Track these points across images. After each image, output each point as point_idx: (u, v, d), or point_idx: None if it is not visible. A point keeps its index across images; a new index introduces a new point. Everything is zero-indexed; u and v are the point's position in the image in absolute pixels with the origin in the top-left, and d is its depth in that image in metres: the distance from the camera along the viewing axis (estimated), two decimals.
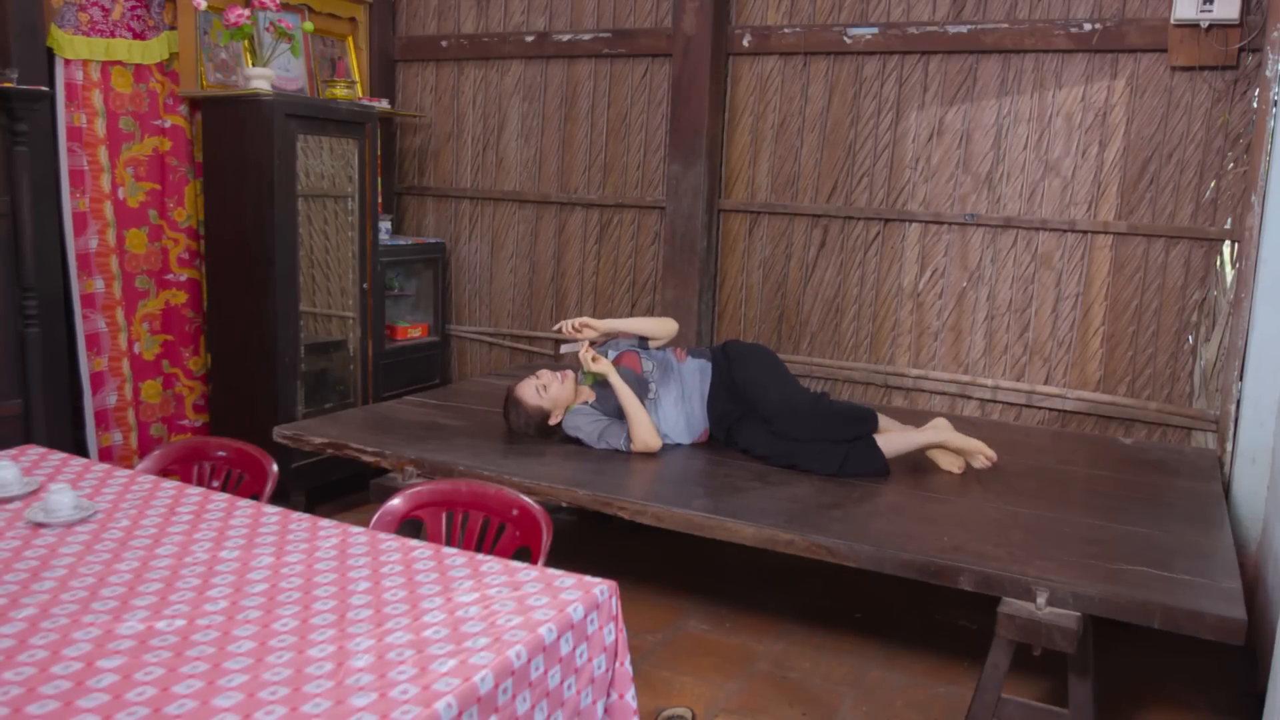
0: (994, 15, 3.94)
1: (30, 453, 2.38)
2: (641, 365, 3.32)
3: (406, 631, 1.53)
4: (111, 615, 1.56)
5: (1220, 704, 2.89)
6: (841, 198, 4.31)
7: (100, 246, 3.84)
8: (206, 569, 1.75)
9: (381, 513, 2.13)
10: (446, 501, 2.20)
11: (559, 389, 3.25)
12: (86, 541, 1.85)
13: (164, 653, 1.44)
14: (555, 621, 1.58)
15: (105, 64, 3.79)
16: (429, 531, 2.18)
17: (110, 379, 3.92)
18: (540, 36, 4.79)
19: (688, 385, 3.31)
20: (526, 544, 2.10)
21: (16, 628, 1.50)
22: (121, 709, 1.29)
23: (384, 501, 2.20)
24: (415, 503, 2.19)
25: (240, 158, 3.91)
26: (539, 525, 2.08)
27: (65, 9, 3.66)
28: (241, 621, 1.55)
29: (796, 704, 2.82)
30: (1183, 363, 3.78)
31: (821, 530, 2.62)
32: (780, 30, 4.30)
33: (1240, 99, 3.59)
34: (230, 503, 2.09)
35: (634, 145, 4.69)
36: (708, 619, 3.32)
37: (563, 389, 3.25)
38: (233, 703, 1.32)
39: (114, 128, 3.86)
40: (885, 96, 4.18)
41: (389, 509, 2.14)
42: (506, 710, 1.44)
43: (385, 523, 2.12)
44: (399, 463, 3.03)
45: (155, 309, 4.09)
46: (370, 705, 1.31)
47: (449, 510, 2.20)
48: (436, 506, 2.20)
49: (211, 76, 4.08)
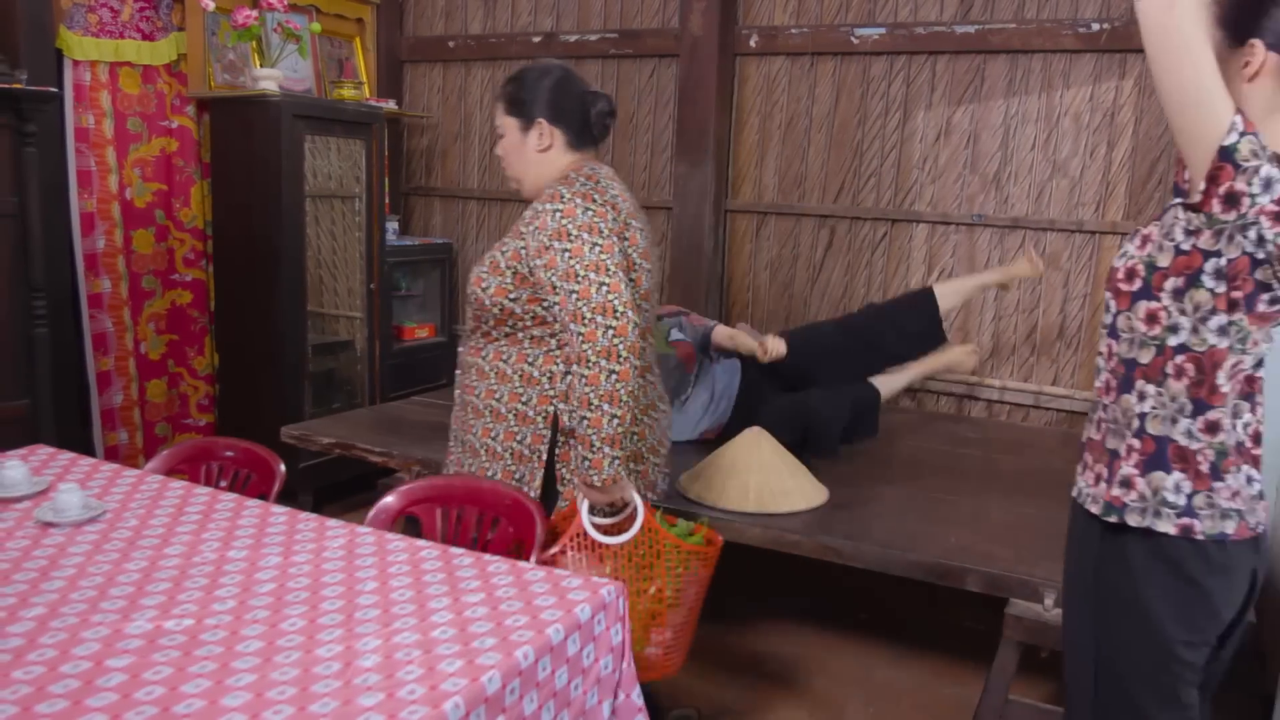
0: (1001, 15, 3.94)
1: (39, 452, 2.38)
2: (693, 366, 3.31)
3: (414, 632, 1.53)
4: (120, 615, 1.55)
5: (1229, 706, 2.88)
6: (849, 198, 4.31)
7: (107, 247, 3.86)
8: (214, 569, 1.75)
9: (377, 509, 2.13)
10: (441, 497, 2.21)
11: None
12: (95, 541, 1.86)
13: (172, 652, 1.44)
14: (562, 622, 1.58)
15: (114, 65, 3.81)
16: (424, 527, 2.19)
17: (117, 379, 3.94)
18: (547, 37, 4.79)
19: (719, 386, 3.31)
20: (520, 538, 2.09)
21: (26, 627, 1.50)
22: (130, 708, 1.30)
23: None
24: (410, 499, 2.19)
25: (248, 158, 3.92)
26: (532, 519, 2.07)
27: (74, 10, 3.67)
28: (249, 621, 1.55)
29: (803, 705, 2.83)
30: None
31: (828, 531, 2.63)
32: (787, 30, 4.30)
33: None
34: (238, 503, 2.10)
35: (641, 145, 4.69)
36: (715, 620, 3.33)
37: None
38: (241, 702, 1.32)
39: (122, 128, 3.88)
40: (892, 97, 4.18)
41: (384, 506, 2.15)
42: (514, 710, 1.44)
43: (381, 520, 2.12)
44: (406, 463, 3.03)
45: (161, 309, 4.11)
46: (378, 705, 1.31)
47: (444, 506, 2.21)
48: (431, 502, 2.20)
49: (219, 77, 4.10)
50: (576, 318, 2.03)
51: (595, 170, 2.26)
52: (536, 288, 2.14)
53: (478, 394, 2.27)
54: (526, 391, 2.21)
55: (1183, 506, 1.44)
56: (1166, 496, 1.45)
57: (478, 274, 2.22)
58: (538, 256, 2.10)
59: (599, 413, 2.01)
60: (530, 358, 2.21)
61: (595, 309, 2.02)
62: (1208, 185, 1.35)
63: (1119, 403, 1.51)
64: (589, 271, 2.05)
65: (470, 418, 2.30)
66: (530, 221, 2.15)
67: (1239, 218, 1.34)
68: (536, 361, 2.21)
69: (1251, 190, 1.33)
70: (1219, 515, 1.44)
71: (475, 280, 2.22)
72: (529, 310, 2.17)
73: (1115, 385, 1.52)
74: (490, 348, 2.26)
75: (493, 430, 2.25)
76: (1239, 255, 1.36)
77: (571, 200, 2.12)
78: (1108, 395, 1.53)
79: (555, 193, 2.16)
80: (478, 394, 2.27)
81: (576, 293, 2.04)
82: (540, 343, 2.21)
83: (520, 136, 2.26)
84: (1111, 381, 1.53)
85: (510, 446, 2.23)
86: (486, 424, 2.26)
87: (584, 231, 2.09)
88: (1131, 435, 1.49)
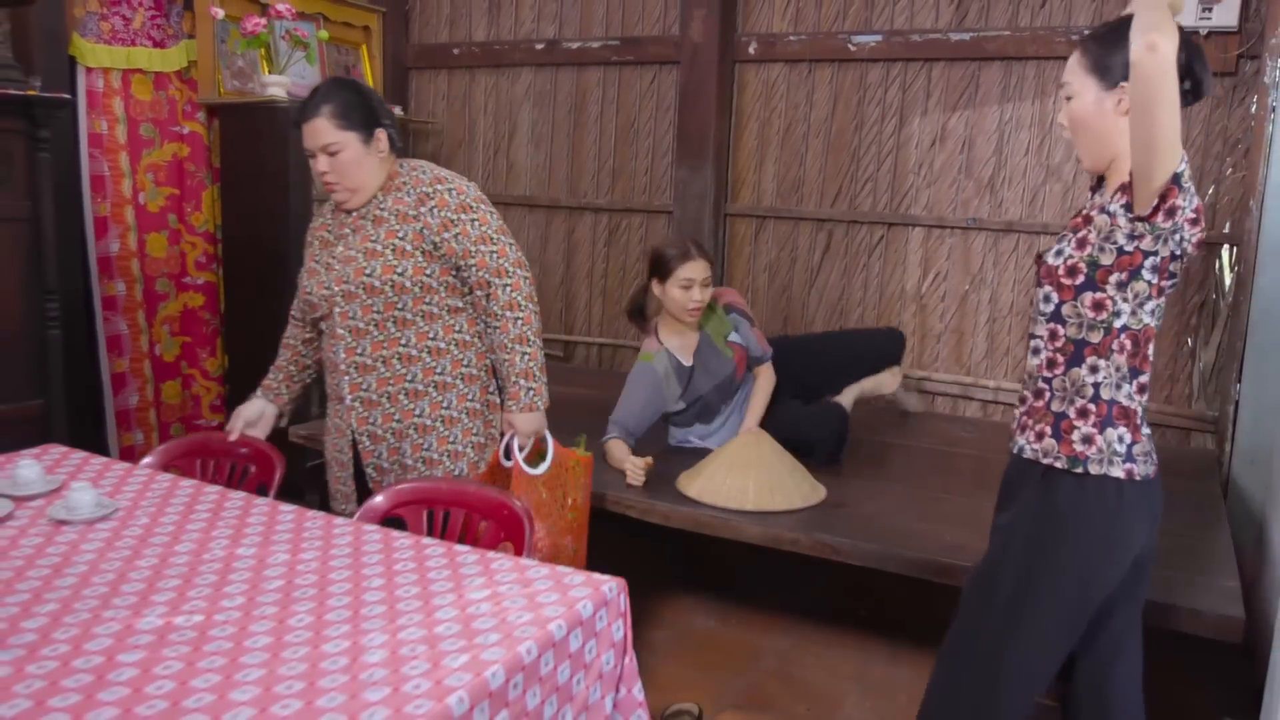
0: (996, 23, 3.98)
1: (52, 451, 2.40)
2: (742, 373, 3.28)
3: (419, 627, 1.54)
4: (131, 610, 1.57)
5: (1219, 700, 2.92)
6: (846, 202, 4.35)
7: (121, 250, 3.91)
8: (224, 565, 1.77)
9: (363, 510, 2.14)
10: (427, 499, 2.22)
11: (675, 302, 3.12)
12: (107, 538, 1.87)
13: (182, 647, 1.46)
14: (565, 618, 1.59)
15: (126, 72, 3.87)
16: (410, 529, 2.18)
17: (131, 380, 3.99)
18: (550, 44, 4.84)
19: (739, 401, 3.32)
20: (510, 540, 2.10)
21: (39, 622, 1.52)
22: (141, 701, 1.31)
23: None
24: (396, 500, 2.20)
25: (256, 163, 3.97)
26: (521, 522, 2.09)
27: (87, 18, 3.73)
28: (258, 617, 1.57)
29: (801, 700, 2.86)
30: (1182, 365, 3.81)
31: (826, 529, 2.67)
32: (786, 38, 4.34)
33: (1239, 105, 3.63)
34: (247, 501, 2.11)
35: (642, 151, 4.74)
36: (714, 616, 3.36)
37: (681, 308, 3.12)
38: (249, 696, 1.33)
39: (134, 134, 3.93)
40: (889, 103, 4.22)
41: (371, 506, 2.15)
42: (517, 705, 1.45)
43: (367, 520, 2.11)
44: None
45: (174, 311, 4.17)
46: (383, 700, 1.32)
47: (429, 508, 2.21)
48: (417, 504, 2.21)
49: (229, 84, 4.15)
50: (500, 273, 2.33)
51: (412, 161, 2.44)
52: (446, 258, 2.33)
53: (411, 378, 2.37)
54: (465, 355, 2.42)
55: (1125, 454, 1.75)
56: (1116, 448, 1.75)
57: (382, 265, 2.29)
58: (444, 230, 2.31)
59: (534, 346, 2.36)
60: (456, 326, 2.40)
61: (514, 263, 2.34)
62: (1159, 202, 1.65)
63: (1068, 375, 1.79)
64: (499, 235, 2.35)
65: (409, 403, 2.38)
66: (420, 204, 2.31)
67: (1173, 225, 1.67)
68: (462, 328, 2.41)
69: (1182, 203, 1.65)
70: (1146, 460, 1.77)
71: (385, 269, 2.29)
72: (443, 281, 2.35)
73: (1063, 361, 1.80)
74: (407, 333, 2.35)
75: (442, 401, 2.39)
76: (1168, 253, 1.70)
77: (455, 179, 2.37)
78: (1052, 369, 1.81)
79: (436, 175, 2.37)
80: (411, 378, 2.37)
81: (495, 252, 2.33)
82: (457, 311, 2.40)
83: (362, 149, 2.32)
84: (1058, 358, 1.80)
85: (465, 407, 2.43)
86: (434, 399, 2.39)
87: (479, 203, 2.37)
88: (1087, 401, 1.77)
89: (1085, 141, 1.83)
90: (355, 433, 2.42)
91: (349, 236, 2.38)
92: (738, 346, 3.24)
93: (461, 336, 2.41)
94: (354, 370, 2.37)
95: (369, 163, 2.34)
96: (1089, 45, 1.79)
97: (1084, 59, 1.78)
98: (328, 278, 2.37)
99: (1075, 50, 1.82)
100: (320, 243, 2.46)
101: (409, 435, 2.39)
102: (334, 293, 2.34)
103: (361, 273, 2.31)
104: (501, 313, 2.33)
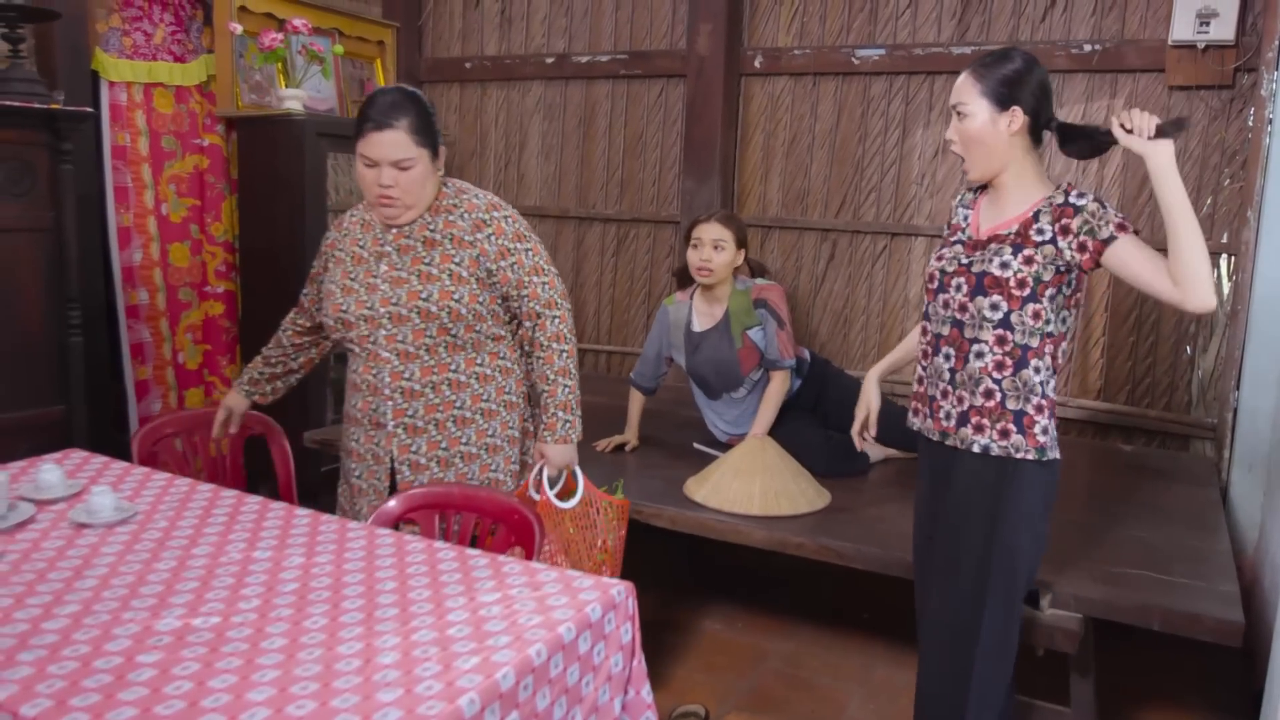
0: (997, 37, 4.02)
1: (74, 456, 2.41)
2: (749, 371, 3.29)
3: (431, 630, 1.55)
4: (150, 612, 1.59)
5: (1218, 703, 2.94)
6: (850, 213, 4.39)
7: (144, 260, 3.97)
8: (240, 568, 1.78)
9: (377, 514, 2.15)
10: (440, 504, 2.22)
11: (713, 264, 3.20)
12: (127, 542, 1.88)
13: (200, 649, 1.48)
14: (574, 621, 1.60)
15: (148, 86, 3.94)
16: (423, 533, 2.19)
17: (155, 387, 4.04)
18: (560, 58, 4.90)
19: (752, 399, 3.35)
20: (520, 544, 2.12)
21: (61, 624, 1.54)
22: (159, 701, 1.33)
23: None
24: (409, 505, 2.19)
25: (273, 175, 4.03)
26: (530, 527, 2.10)
27: (109, 34, 3.81)
28: (274, 619, 1.58)
29: (806, 701, 2.89)
30: (1181, 372, 3.84)
31: (831, 534, 2.70)
32: (790, 52, 4.39)
33: (1236, 117, 3.66)
34: (263, 505, 2.11)
35: (650, 162, 4.79)
36: (721, 619, 3.39)
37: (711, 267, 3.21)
38: (265, 697, 1.34)
39: (156, 146, 3.99)
40: (892, 115, 4.26)
41: (384, 511, 2.16)
42: (527, 706, 1.46)
43: (379, 524, 2.13)
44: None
45: (197, 320, 4.22)
46: (396, 700, 1.34)
47: (441, 512, 2.22)
48: (430, 509, 2.21)
49: (246, 97, 4.19)
50: (550, 304, 2.32)
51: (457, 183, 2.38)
52: (497, 286, 2.30)
53: (459, 405, 2.32)
54: (507, 382, 2.40)
55: (1053, 440, 2.03)
56: (1053, 435, 2.03)
57: (440, 290, 2.23)
58: (501, 258, 2.28)
59: (574, 379, 2.35)
60: (499, 353, 2.38)
61: (561, 295, 2.35)
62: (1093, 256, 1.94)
63: (1019, 376, 2.00)
64: (548, 266, 2.35)
65: (457, 430, 2.33)
66: (477, 230, 2.28)
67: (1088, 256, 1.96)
68: (505, 354, 2.40)
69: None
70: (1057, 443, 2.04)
71: (442, 295, 2.23)
72: (491, 310, 2.31)
73: (1012, 364, 2.00)
74: (457, 359, 2.30)
75: (488, 429, 2.37)
76: (1079, 273, 2.00)
77: (506, 205, 2.36)
78: (1001, 371, 2.01)
79: (492, 202, 2.35)
80: (459, 405, 2.32)
81: (546, 284, 2.33)
82: (500, 339, 2.38)
83: (430, 166, 2.24)
84: (1007, 361, 2.00)
85: (507, 435, 2.41)
86: (480, 426, 2.36)
87: (530, 232, 2.37)
88: (1039, 398, 2.00)
89: (977, 156, 2.04)
90: (395, 461, 2.32)
91: (392, 255, 2.28)
92: (751, 344, 3.26)
93: (504, 364, 2.38)
94: (399, 395, 2.28)
95: (431, 182, 2.26)
96: (982, 72, 2.01)
97: (978, 83, 2.01)
98: (370, 298, 2.26)
99: (967, 74, 2.04)
100: (353, 258, 2.32)
101: (454, 464, 2.34)
102: (379, 314, 2.24)
103: (416, 296, 2.22)
104: (549, 344, 2.31)
